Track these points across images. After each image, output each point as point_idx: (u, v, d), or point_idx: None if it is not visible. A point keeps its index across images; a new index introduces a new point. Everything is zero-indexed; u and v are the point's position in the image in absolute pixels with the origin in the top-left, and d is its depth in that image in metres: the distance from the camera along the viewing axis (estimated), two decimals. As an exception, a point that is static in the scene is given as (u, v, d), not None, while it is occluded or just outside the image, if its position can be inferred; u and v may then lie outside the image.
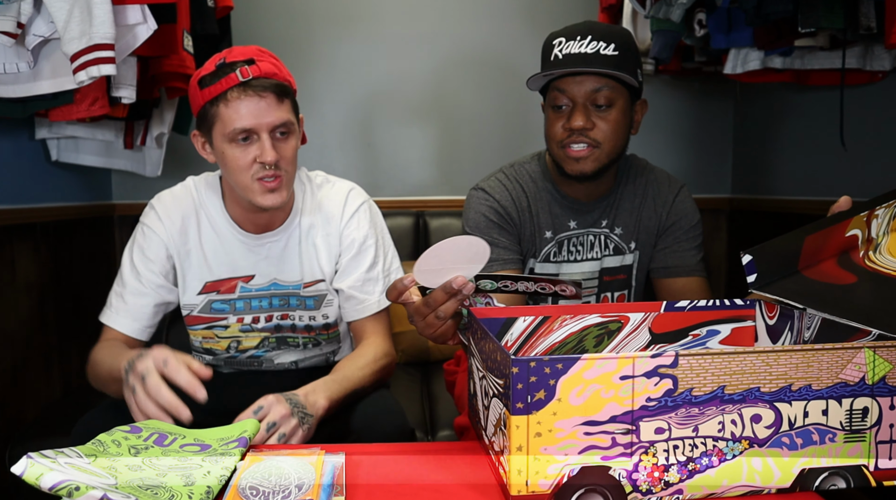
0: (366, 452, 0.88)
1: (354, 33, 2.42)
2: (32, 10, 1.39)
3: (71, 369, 1.97)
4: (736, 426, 0.71)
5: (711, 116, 2.52)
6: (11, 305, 1.71)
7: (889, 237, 0.92)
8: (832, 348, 0.72)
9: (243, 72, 1.07)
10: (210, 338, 1.29)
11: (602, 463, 0.69)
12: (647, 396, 0.69)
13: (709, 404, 0.70)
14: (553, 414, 0.68)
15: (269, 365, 1.33)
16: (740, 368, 0.70)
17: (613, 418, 0.69)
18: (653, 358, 0.68)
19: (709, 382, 0.70)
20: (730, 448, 0.72)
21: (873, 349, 0.72)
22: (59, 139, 1.93)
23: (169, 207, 1.23)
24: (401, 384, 1.86)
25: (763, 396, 0.71)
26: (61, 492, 0.65)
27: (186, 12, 1.69)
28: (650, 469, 0.70)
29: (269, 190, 1.12)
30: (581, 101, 1.18)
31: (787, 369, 0.71)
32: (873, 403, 0.73)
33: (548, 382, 0.67)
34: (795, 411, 0.72)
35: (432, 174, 2.49)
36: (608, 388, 0.68)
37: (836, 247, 0.92)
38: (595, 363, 0.68)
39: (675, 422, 0.70)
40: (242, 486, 0.73)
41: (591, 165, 1.20)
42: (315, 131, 2.44)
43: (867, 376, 0.73)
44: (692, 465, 0.71)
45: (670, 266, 1.33)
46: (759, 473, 0.72)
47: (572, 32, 1.18)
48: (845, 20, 1.50)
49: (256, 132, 1.09)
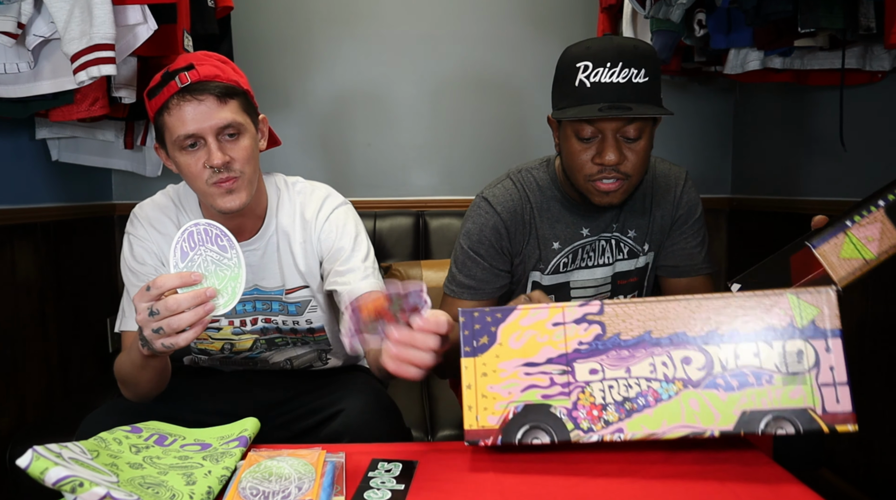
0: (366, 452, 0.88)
1: (354, 33, 2.42)
2: (33, 10, 1.39)
3: (71, 369, 1.97)
4: (668, 368, 0.77)
5: (711, 116, 2.52)
6: (11, 305, 1.71)
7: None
8: (753, 294, 0.76)
9: (182, 78, 1.05)
10: (204, 339, 1.29)
11: (543, 402, 0.78)
12: (578, 340, 0.78)
13: (637, 347, 0.77)
14: (496, 357, 0.79)
15: (265, 365, 1.34)
16: (663, 314, 0.77)
17: (550, 360, 0.78)
18: (580, 307, 0.78)
19: (635, 327, 0.78)
20: (664, 389, 0.77)
21: (797, 295, 0.76)
22: (60, 139, 1.93)
23: (150, 216, 1.23)
24: (401, 384, 1.86)
25: (690, 339, 0.77)
26: (65, 488, 0.65)
27: (186, 12, 1.69)
28: (588, 408, 0.78)
29: (227, 191, 1.09)
30: (611, 134, 1.10)
31: (710, 313, 0.77)
32: (807, 345, 0.76)
33: (489, 329, 0.79)
34: (725, 353, 0.76)
35: (432, 174, 2.49)
36: (542, 333, 0.78)
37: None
38: (529, 312, 0.78)
39: (607, 364, 0.78)
40: (243, 486, 0.73)
41: (620, 197, 1.15)
42: (315, 131, 2.44)
43: (795, 320, 0.76)
44: (629, 404, 0.78)
45: (678, 265, 1.31)
46: (697, 413, 0.76)
47: (599, 56, 1.07)
48: (845, 20, 1.50)
49: (202, 137, 1.07)
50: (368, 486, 0.77)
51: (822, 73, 1.81)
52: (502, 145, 2.46)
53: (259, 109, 1.19)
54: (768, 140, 2.28)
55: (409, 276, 2.07)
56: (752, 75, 1.86)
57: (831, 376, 0.75)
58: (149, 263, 1.22)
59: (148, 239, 1.22)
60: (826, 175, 1.95)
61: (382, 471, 0.81)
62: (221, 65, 1.11)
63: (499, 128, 2.47)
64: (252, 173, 1.13)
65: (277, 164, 2.30)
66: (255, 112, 1.16)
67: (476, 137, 2.47)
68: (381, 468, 0.82)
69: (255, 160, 1.14)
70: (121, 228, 2.33)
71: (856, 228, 0.78)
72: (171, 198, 1.25)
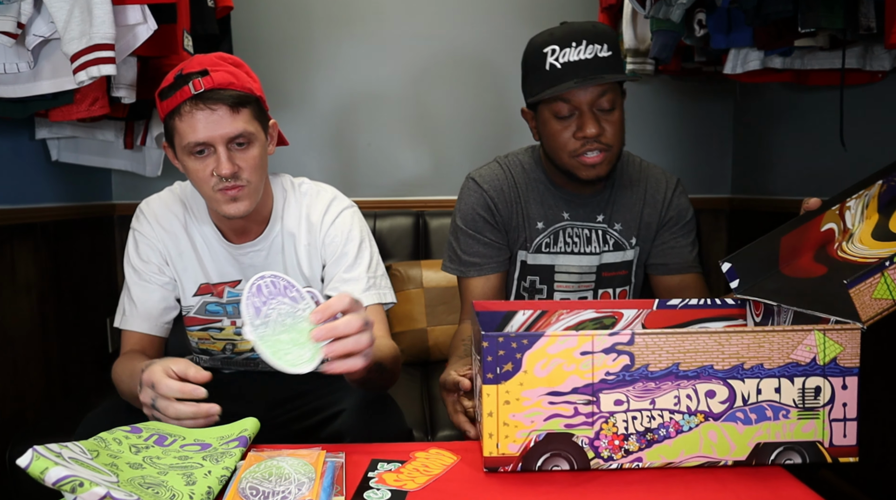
0: (366, 452, 0.88)
1: (354, 33, 2.42)
2: (32, 10, 1.39)
3: (71, 370, 1.97)
4: (691, 401, 0.77)
5: (711, 115, 2.52)
6: (11, 305, 1.71)
7: (863, 225, 0.95)
8: (782, 330, 0.77)
9: (195, 84, 1.04)
10: (206, 339, 1.29)
11: (566, 430, 0.77)
12: (605, 370, 0.76)
13: (664, 379, 0.77)
14: (520, 384, 0.76)
15: (266, 366, 1.33)
16: (693, 346, 0.77)
17: (575, 389, 0.76)
18: (610, 336, 0.75)
19: (664, 359, 0.76)
20: (686, 421, 0.77)
21: (823, 332, 0.77)
22: (59, 139, 1.93)
23: (157, 212, 1.23)
24: (401, 384, 1.84)
25: (716, 373, 0.77)
26: (65, 488, 0.65)
27: (186, 12, 1.69)
28: (610, 438, 0.77)
29: (232, 198, 1.10)
30: (587, 108, 1.18)
31: (739, 348, 0.77)
32: (825, 382, 0.78)
33: (514, 355, 0.75)
34: (748, 388, 0.77)
35: (433, 174, 2.49)
36: (570, 362, 0.76)
37: (814, 243, 0.97)
38: (557, 340, 0.75)
39: (633, 395, 0.77)
40: (243, 486, 0.73)
41: (606, 168, 1.22)
42: (314, 131, 2.44)
43: (818, 358, 0.77)
44: (650, 435, 0.78)
45: (669, 263, 1.34)
46: (715, 445, 0.78)
47: (564, 39, 1.17)
48: (845, 20, 1.49)
49: (212, 145, 1.07)
50: (368, 486, 0.77)
51: (822, 73, 1.81)
52: (505, 146, 2.45)
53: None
54: (768, 140, 2.28)
55: (409, 276, 2.07)
56: (752, 75, 1.85)
57: (843, 412, 0.78)
58: (153, 261, 1.22)
59: (154, 237, 1.22)
60: (826, 175, 1.95)
61: (382, 471, 0.81)
62: (236, 70, 1.10)
63: (500, 128, 2.47)
64: (259, 181, 1.13)
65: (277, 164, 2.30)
66: (266, 118, 1.16)
67: (477, 138, 2.47)
68: (381, 468, 0.82)
69: (263, 168, 1.15)
70: (121, 228, 2.33)
71: (892, 268, 0.77)
72: (179, 196, 1.25)
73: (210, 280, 1.23)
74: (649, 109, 2.51)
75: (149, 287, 1.21)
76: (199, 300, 1.24)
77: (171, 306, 1.23)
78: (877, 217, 0.95)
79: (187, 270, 1.23)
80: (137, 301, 1.21)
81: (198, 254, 1.22)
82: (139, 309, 1.20)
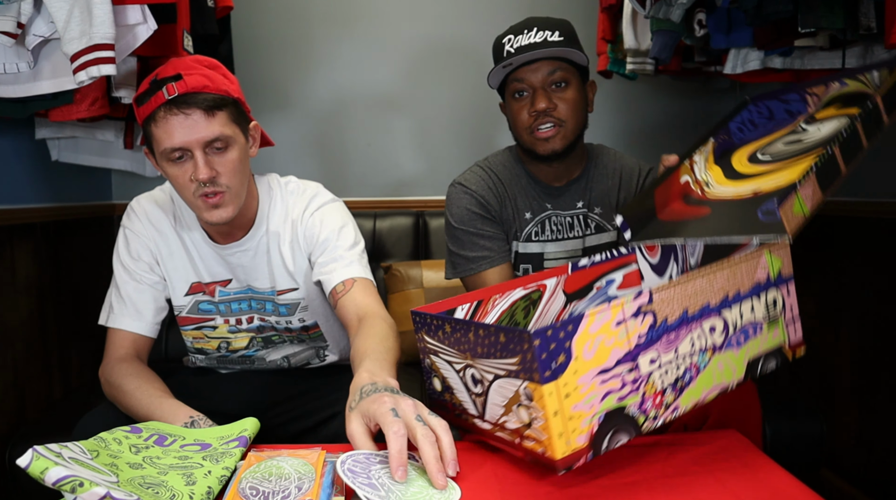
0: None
1: (354, 33, 2.42)
2: (32, 10, 1.39)
3: (71, 370, 1.97)
4: (701, 340, 0.83)
5: (711, 116, 2.52)
6: (11, 305, 1.71)
7: (711, 174, 1.13)
8: (745, 258, 0.86)
9: (169, 89, 1.03)
10: (200, 338, 1.29)
11: (619, 405, 0.76)
12: (637, 334, 0.78)
13: (679, 327, 0.81)
14: (574, 373, 0.73)
15: (262, 364, 1.34)
16: (694, 290, 0.82)
17: (619, 361, 0.76)
18: (634, 300, 0.77)
19: (676, 309, 0.80)
20: (702, 360, 0.83)
21: (769, 251, 0.88)
22: (59, 139, 1.93)
23: (147, 210, 1.23)
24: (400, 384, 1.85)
25: (713, 309, 0.83)
26: (65, 488, 0.65)
27: (186, 12, 1.69)
28: (652, 397, 0.79)
29: (213, 206, 1.09)
30: (539, 85, 1.29)
31: (723, 282, 0.84)
32: (778, 293, 0.89)
33: (564, 345, 0.72)
34: (734, 315, 0.85)
35: (433, 174, 2.49)
36: (609, 336, 0.75)
37: (678, 192, 1.13)
38: (595, 317, 0.74)
39: (661, 350, 0.79)
40: (242, 486, 0.73)
41: (560, 143, 1.31)
42: (315, 131, 2.44)
43: (770, 274, 0.89)
44: (680, 383, 0.81)
45: None
46: (723, 374, 0.85)
47: (517, 28, 1.31)
48: (845, 20, 1.49)
49: (189, 150, 1.06)
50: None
51: (822, 73, 1.81)
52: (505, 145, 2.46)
53: (259, 109, 1.18)
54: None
55: (409, 276, 2.07)
56: (752, 75, 1.85)
57: (791, 314, 0.91)
58: (144, 259, 1.21)
59: (145, 235, 1.22)
60: (826, 175, 1.95)
61: (382, 471, 0.81)
62: (211, 72, 1.08)
63: (501, 128, 2.47)
64: (239, 186, 1.12)
65: (277, 164, 2.30)
66: (245, 120, 1.14)
67: (478, 138, 2.47)
68: (381, 468, 0.82)
69: (243, 172, 1.13)
70: (121, 228, 2.33)
71: (801, 188, 0.88)
72: (170, 195, 1.25)
73: (202, 279, 1.23)
74: (649, 109, 2.51)
75: (140, 287, 1.21)
76: (192, 299, 1.24)
77: (161, 307, 1.23)
78: (716, 168, 1.13)
79: (178, 269, 1.22)
80: (128, 299, 1.20)
81: (188, 253, 1.22)
82: (129, 308, 1.20)
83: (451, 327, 0.84)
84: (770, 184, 0.98)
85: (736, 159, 1.13)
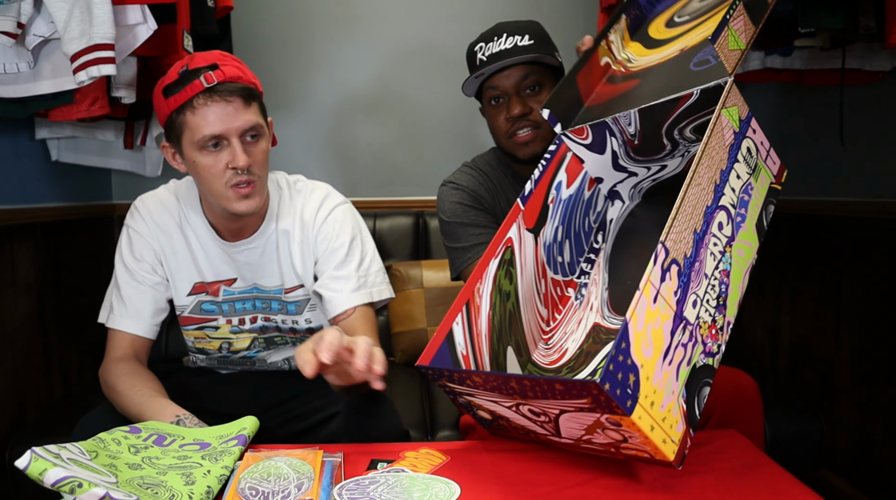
0: (365, 452, 0.88)
1: (354, 33, 2.42)
2: (32, 10, 1.39)
3: (71, 369, 1.97)
4: (717, 245, 0.82)
5: (711, 116, 2.52)
6: (11, 305, 1.71)
7: (630, 50, 1.15)
8: (709, 133, 0.82)
9: (207, 77, 1.05)
10: (202, 338, 1.29)
11: (690, 368, 0.75)
12: (672, 292, 0.75)
13: (698, 250, 0.79)
14: (647, 379, 0.71)
15: (263, 365, 1.33)
16: (691, 204, 0.79)
17: (672, 331, 0.74)
18: (655, 265, 0.74)
19: (687, 236, 0.78)
20: (724, 262, 0.82)
21: (722, 106, 0.86)
22: (59, 139, 1.93)
23: (151, 210, 1.23)
24: (400, 384, 1.85)
25: (712, 206, 0.82)
26: (64, 489, 0.65)
27: (186, 12, 1.68)
28: (708, 333, 0.78)
29: (244, 196, 1.10)
30: (513, 91, 1.30)
31: (706, 172, 0.82)
32: (748, 140, 0.89)
33: (627, 364, 0.69)
34: (728, 195, 0.84)
35: (433, 174, 2.49)
36: (654, 319, 0.73)
37: (600, 75, 1.14)
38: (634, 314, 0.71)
39: (695, 287, 0.78)
40: (242, 486, 0.73)
41: (540, 145, 1.31)
42: (314, 131, 2.44)
43: (734, 126, 0.87)
44: (721, 298, 0.81)
45: None
46: (744, 257, 0.85)
47: (487, 35, 1.32)
48: (845, 20, 1.49)
49: (226, 138, 1.07)
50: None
51: (822, 73, 1.81)
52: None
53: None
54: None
55: (409, 276, 2.07)
56: (752, 75, 1.85)
57: (765, 150, 0.92)
58: (147, 260, 1.21)
59: (149, 235, 1.22)
60: (826, 175, 1.95)
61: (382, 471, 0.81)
62: (242, 66, 1.12)
63: (499, 128, 2.47)
64: (265, 176, 1.15)
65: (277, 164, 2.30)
66: (266, 115, 1.17)
67: (478, 138, 2.47)
68: (381, 468, 0.82)
69: (268, 164, 1.16)
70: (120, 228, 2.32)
71: (732, 21, 0.87)
72: (174, 193, 1.25)
73: (205, 279, 1.23)
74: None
75: (141, 288, 1.21)
76: (194, 299, 1.24)
77: (161, 308, 1.23)
78: (634, 43, 1.15)
79: (181, 269, 1.22)
80: (128, 301, 1.20)
81: (192, 253, 1.22)
82: (129, 309, 1.20)
83: (482, 379, 0.79)
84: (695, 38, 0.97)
85: (653, 29, 1.15)
